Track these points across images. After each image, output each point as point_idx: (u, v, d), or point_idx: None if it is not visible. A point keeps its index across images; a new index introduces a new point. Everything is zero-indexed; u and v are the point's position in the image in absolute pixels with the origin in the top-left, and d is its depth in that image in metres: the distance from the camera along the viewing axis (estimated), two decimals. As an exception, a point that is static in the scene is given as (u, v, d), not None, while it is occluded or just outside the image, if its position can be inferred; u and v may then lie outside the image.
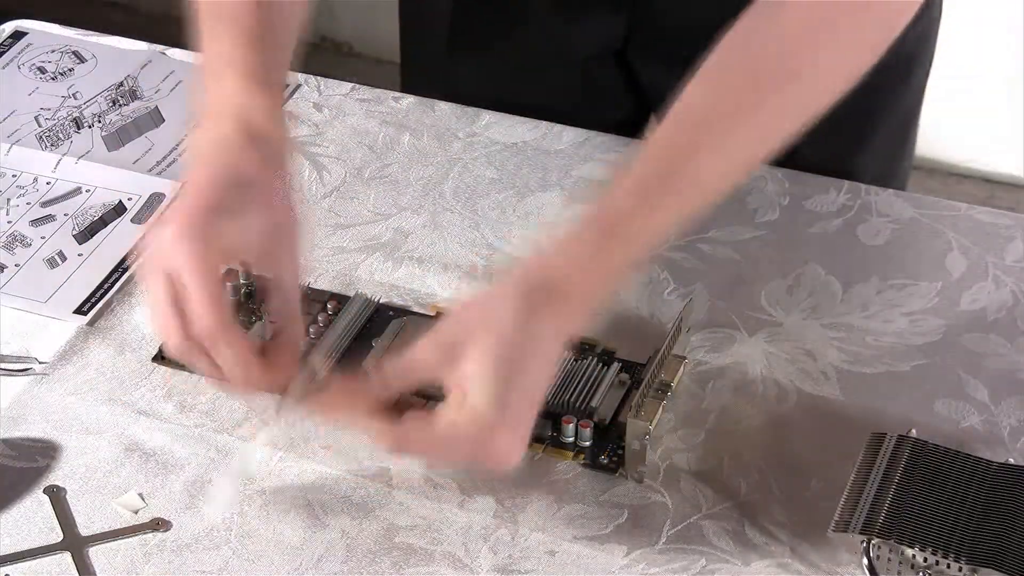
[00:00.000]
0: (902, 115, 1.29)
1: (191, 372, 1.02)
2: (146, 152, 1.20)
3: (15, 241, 1.12)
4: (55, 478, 0.96)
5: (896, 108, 1.28)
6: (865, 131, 1.27)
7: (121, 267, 1.10)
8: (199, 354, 0.91)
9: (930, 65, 1.29)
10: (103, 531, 0.93)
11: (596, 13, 1.23)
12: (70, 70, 1.28)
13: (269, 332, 0.97)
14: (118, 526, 0.93)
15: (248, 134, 0.95)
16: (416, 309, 1.07)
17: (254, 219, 0.93)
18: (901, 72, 1.26)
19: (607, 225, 0.89)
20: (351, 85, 1.27)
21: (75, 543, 0.92)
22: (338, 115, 1.24)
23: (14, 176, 1.18)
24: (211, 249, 0.91)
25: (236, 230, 0.92)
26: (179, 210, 0.92)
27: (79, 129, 1.22)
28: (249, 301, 1.06)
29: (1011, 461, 0.94)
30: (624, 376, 1.00)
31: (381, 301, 1.07)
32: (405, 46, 1.36)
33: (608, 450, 0.97)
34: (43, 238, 1.13)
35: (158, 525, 0.93)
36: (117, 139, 1.21)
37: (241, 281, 1.07)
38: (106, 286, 1.09)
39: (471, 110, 1.24)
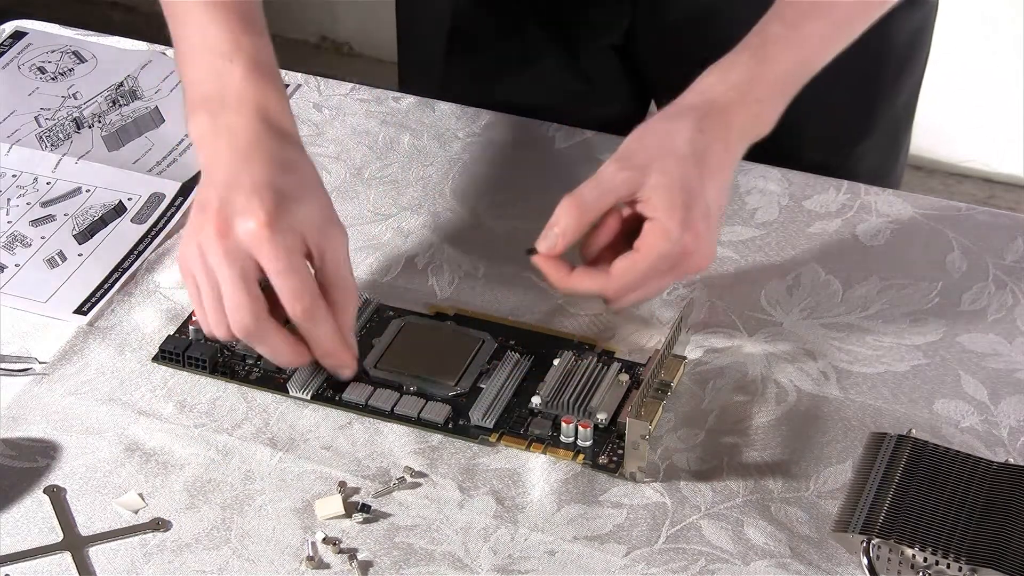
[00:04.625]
0: (899, 110, 1.30)
1: (191, 372, 1.02)
2: (146, 152, 1.20)
3: (15, 241, 1.12)
4: (55, 478, 0.96)
5: (893, 102, 1.28)
6: (863, 125, 1.27)
7: (121, 267, 1.10)
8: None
9: (926, 60, 1.29)
10: (103, 531, 0.93)
11: (601, 8, 1.23)
12: (70, 70, 1.28)
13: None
14: (118, 526, 0.93)
15: (271, 127, 0.98)
16: (416, 309, 1.07)
17: (309, 203, 0.96)
18: (898, 66, 1.27)
19: (760, 50, 1.01)
20: (351, 85, 1.27)
21: (75, 543, 0.92)
22: (338, 115, 1.24)
23: (14, 176, 1.18)
24: (295, 237, 0.95)
25: (304, 213, 0.96)
26: (256, 204, 0.94)
27: (79, 129, 1.22)
28: None
29: (1011, 461, 0.94)
30: (624, 376, 1.00)
31: (381, 301, 1.07)
32: (403, 48, 1.36)
33: (608, 450, 0.97)
34: (43, 238, 1.13)
35: (158, 525, 0.93)
36: (117, 139, 1.21)
37: None
38: (106, 286, 1.09)
39: (471, 110, 1.24)
